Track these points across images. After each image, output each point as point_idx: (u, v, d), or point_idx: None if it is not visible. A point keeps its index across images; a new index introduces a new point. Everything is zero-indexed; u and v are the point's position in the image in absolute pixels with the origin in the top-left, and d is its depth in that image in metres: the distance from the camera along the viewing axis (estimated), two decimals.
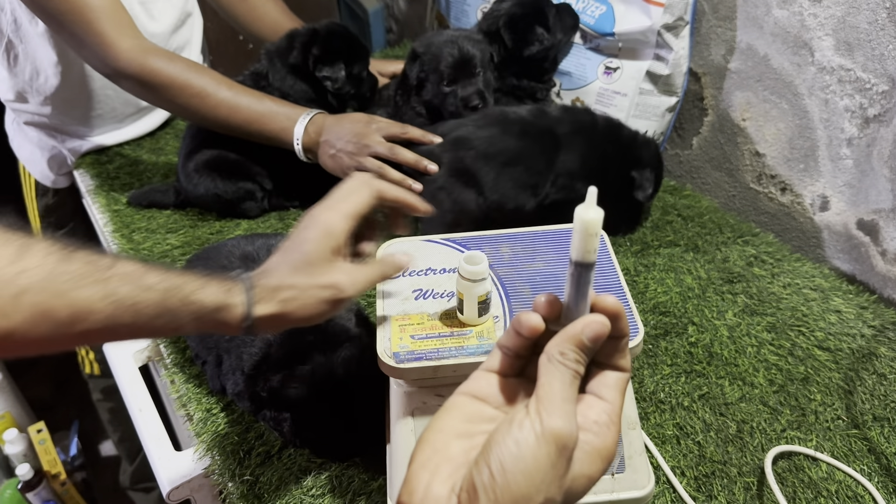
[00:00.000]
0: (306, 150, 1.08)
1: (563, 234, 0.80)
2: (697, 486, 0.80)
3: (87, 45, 1.05)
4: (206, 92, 1.06)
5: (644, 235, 1.16)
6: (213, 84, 1.07)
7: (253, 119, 1.07)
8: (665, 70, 1.24)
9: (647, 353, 0.95)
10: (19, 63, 1.27)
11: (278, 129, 1.07)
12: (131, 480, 1.86)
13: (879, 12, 0.95)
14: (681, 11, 1.19)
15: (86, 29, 1.03)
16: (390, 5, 2.05)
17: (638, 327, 0.69)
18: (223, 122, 1.08)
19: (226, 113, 1.07)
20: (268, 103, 1.08)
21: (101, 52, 1.04)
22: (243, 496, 0.80)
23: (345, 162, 1.05)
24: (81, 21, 1.02)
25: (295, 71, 1.17)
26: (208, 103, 1.06)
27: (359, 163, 1.03)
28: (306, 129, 1.06)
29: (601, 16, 1.26)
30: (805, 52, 1.07)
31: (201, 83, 1.06)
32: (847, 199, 1.09)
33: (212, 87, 1.06)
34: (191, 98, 1.06)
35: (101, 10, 1.02)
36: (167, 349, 0.98)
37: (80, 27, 1.03)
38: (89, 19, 1.02)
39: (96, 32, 1.03)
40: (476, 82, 1.13)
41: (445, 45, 1.13)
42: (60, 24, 1.04)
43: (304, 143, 1.07)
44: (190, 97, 1.06)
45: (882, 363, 0.94)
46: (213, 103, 1.06)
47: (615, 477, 0.70)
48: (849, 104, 1.04)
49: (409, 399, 0.69)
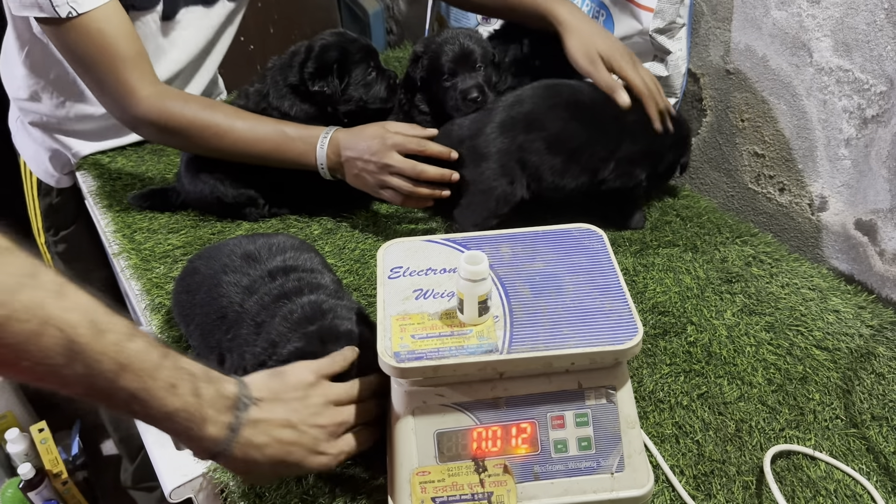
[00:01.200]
0: (332, 171, 1.09)
1: (563, 234, 0.81)
2: (696, 484, 0.80)
3: (108, 93, 1.07)
4: (222, 130, 1.07)
5: (643, 235, 1.17)
6: (227, 121, 1.08)
7: (271, 149, 1.08)
8: (663, 71, 1.25)
9: (646, 353, 0.96)
10: (45, 64, 1.27)
11: (298, 153, 1.08)
12: (133, 480, 1.87)
13: (878, 13, 0.96)
14: (672, 15, 1.20)
15: (111, 77, 1.05)
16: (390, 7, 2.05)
17: (637, 327, 0.69)
18: (243, 155, 1.10)
19: (244, 147, 1.09)
20: (284, 129, 1.09)
21: (122, 101, 1.07)
22: (244, 495, 0.80)
23: (369, 181, 1.07)
24: (108, 69, 1.04)
25: (296, 91, 1.16)
26: (226, 141, 1.08)
27: (383, 182, 1.06)
28: (327, 154, 1.07)
29: (604, 22, 1.27)
30: (803, 53, 1.08)
31: (216, 121, 1.08)
32: (845, 200, 1.10)
33: (226, 123, 1.08)
34: (210, 139, 1.08)
35: (129, 60, 1.05)
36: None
37: (106, 75, 1.05)
38: (116, 68, 1.04)
39: (121, 81, 1.05)
40: (476, 76, 1.14)
41: (446, 42, 1.14)
42: (87, 68, 1.06)
43: (328, 166, 1.08)
44: (209, 138, 1.08)
45: (880, 363, 0.95)
46: (231, 140, 1.08)
47: (614, 476, 0.70)
48: (847, 105, 1.04)
49: (409, 398, 0.70)
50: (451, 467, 0.69)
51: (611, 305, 0.71)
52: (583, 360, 0.68)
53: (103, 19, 1.02)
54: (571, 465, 0.70)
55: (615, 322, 0.69)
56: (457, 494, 0.69)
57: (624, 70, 1.06)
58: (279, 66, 1.18)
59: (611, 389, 0.71)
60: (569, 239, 0.80)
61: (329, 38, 1.15)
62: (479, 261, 0.67)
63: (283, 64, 1.18)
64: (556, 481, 0.70)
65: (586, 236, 0.80)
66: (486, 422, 0.70)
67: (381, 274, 0.77)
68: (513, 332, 0.69)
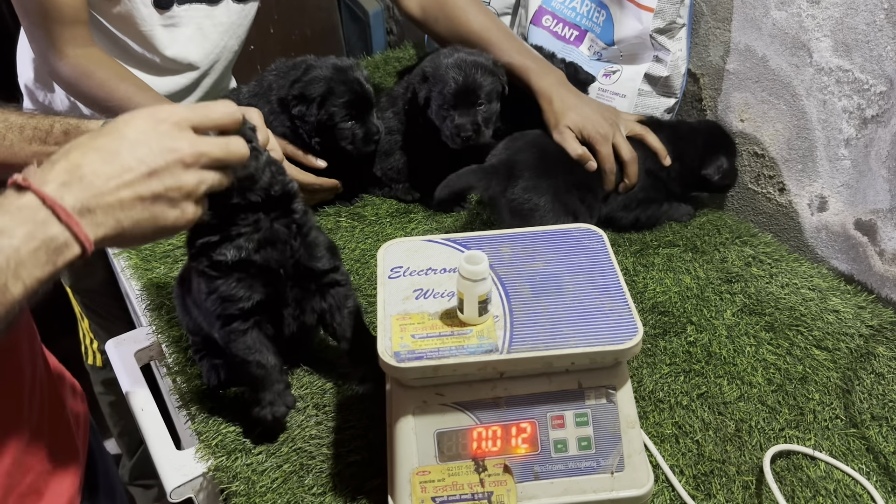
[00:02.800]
0: None
1: (563, 234, 0.81)
2: (696, 484, 0.80)
3: (37, 42, 1.15)
4: (123, 102, 1.12)
5: (643, 235, 1.17)
6: (128, 93, 1.13)
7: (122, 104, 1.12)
8: (663, 72, 1.25)
9: (646, 353, 0.96)
10: None
11: None
12: (130, 476, 1.87)
13: (877, 13, 0.96)
14: (672, 15, 1.20)
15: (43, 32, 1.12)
16: (391, 7, 2.05)
17: (637, 327, 0.69)
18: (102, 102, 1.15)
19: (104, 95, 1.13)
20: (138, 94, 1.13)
21: (47, 53, 1.14)
22: (245, 495, 0.80)
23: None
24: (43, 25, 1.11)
25: (281, 104, 1.14)
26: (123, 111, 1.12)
27: None
28: None
29: (604, 22, 1.27)
30: (803, 53, 1.08)
31: (119, 94, 1.13)
32: (845, 200, 1.10)
33: (127, 96, 1.12)
34: (113, 108, 1.13)
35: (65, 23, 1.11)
36: (169, 349, 0.99)
37: (39, 29, 1.12)
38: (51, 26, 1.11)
39: (51, 39, 1.12)
40: (474, 112, 1.11)
41: (452, 69, 1.11)
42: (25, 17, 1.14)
43: None
44: (112, 107, 1.13)
45: (880, 362, 0.95)
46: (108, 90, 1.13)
47: (614, 475, 0.70)
48: (847, 105, 1.05)
49: (409, 398, 0.70)
50: (451, 467, 0.69)
51: (611, 305, 0.71)
52: (583, 360, 0.68)
53: None
54: (571, 465, 0.70)
55: (615, 322, 0.70)
56: (457, 494, 0.69)
57: (595, 145, 1.08)
58: (277, 73, 1.17)
59: (611, 389, 0.71)
60: (569, 239, 0.80)
61: (324, 71, 1.11)
62: (479, 260, 0.67)
63: (281, 72, 1.16)
64: (555, 481, 0.70)
65: (586, 236, 0.80)
66: (486, 421, 0.70)
67: (381, 274, 0.77)
68: (513, 331, 0.69)
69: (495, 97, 1.13)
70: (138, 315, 1.10)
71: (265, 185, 0.73)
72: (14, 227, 0.51)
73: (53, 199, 0.53)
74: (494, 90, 1.13)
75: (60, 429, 0.79)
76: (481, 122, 1.12)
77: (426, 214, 1.21)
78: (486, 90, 1.11)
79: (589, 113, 1.09)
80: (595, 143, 1.08)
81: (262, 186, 0.73)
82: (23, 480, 0.70)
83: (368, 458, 0.83)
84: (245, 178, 0.70)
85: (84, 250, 0.54)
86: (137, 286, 1.09)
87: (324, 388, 0.92)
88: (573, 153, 1.08)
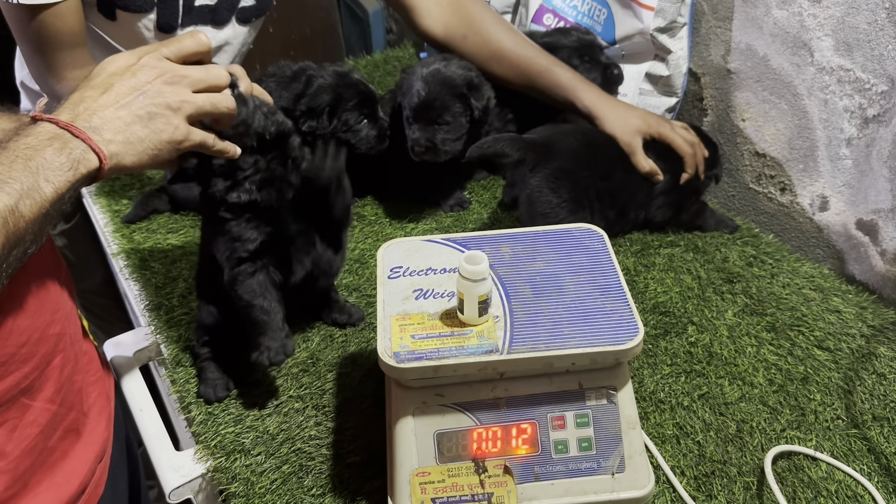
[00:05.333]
0: None
1: (563, 234, 0.81)
2: (697, 485, 0.80)
3: (35, 66, 1.13)
4: None
5: (644, 235, 1.16)
6: None
7: None
8: (664, 71, 1.25)
9: (647, 353, 0.96)
10: None
11: None
12: None
13: (879, 13, 0.96)
14: (673, 14, 1.20)
15: (40, 58, 1.10)
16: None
17: (637, 327, 0.69)
18: None
19: None
20: None
21: (45, 76, 1.12)
22: (244, 496, 0.80)
23: None
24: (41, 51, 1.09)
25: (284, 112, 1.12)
26: None
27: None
28: None
29: (605, 20, 1.27)
30: (804, 53, 1.07)
31: None
32: (846, 200, 1.10)
33: None
34: None
35: (65, 49, 1.09)
36: (168, 349, 0.99)
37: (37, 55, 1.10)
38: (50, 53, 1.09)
39: (49, 64, 1.10)
40: (432, 130, 1.09)
41: (417, 82, 1.09)
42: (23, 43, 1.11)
43: None
44: None
45: (881, 363, 0.94)
46: None
47: (615, 476, 0.70)
48: (848, 104, 1.04)
49: (409, 398, 0.70)
50: (451, 468, 0.69)
51: (611, 305, 0.71)
52: (583, 361, 0.68)
53: (51, 13, 1.05)
54: (572, 466, 0.70)
55: (616, 322, 0.69)
56: (457, 495, 0.69)
57: (665, 135, 1.10)
58: (277, 81, 1.13)
59: (611, 390, 0.71)
60: (569, 239, 0.80)
61: (327, 79, 1.10)
62: (479, 261, 0.67)
63: (281, 81, 1.13)
64: (556, 482, 0.70)
65: (587, 236, 0.80)
66: (487, 422, 0.70)
67: (381, 274, 0.76)
68: (513, 332, 0.68)
69: (462, 116, 1.10)
70: (137, 316, 1.10)
71: (259, 128, 0.76)
72: (37, 142, 0.61)
73: (66, 122, 0.62)
74: (456, 104, 1.09)
75: (92, 370, 0.82)
76: (438, 140, 1.09)
77: (426, 214, 1.21)
78: (452, 110, 1.09)
79: (643, 114, 1.12)
80: (667, 136, 1.10)
81: (257, 131, 0.76)
82: (67, 416, 0.74)
83: (368, 459, 0.82)
84: (239, 125, 0.74)
85: (101, 162, 0.63)
86: (136, 287, 1.08)
87: (323, 388, 0.91)
88: (641, 168, 1.08)
